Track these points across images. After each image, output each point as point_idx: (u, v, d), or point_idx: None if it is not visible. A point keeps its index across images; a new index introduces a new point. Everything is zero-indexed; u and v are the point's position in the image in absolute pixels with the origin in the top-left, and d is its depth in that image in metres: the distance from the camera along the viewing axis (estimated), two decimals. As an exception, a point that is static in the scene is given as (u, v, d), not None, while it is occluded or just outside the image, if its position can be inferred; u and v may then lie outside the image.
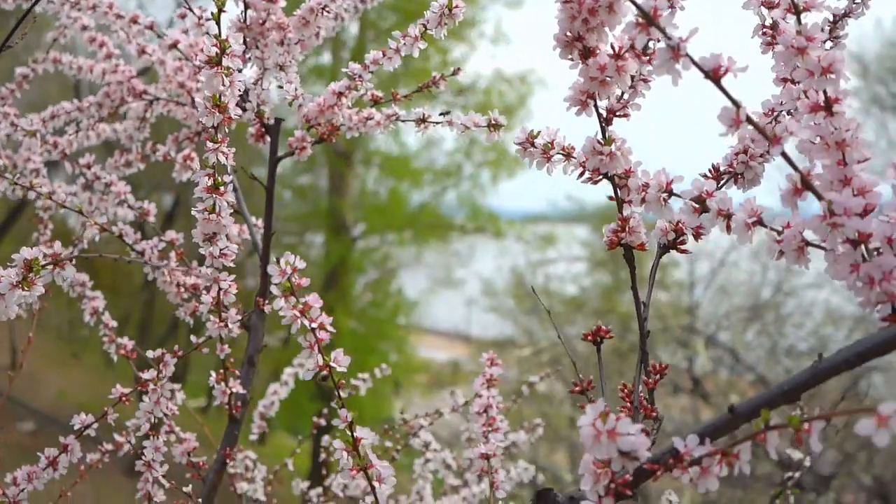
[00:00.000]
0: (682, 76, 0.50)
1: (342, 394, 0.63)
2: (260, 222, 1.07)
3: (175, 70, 1.15)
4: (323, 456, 1.43)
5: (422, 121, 0.95)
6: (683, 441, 0.52)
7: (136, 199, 1.13)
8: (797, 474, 1.11)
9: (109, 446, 1.10)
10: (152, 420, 0.92)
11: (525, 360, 8.19)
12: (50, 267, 0.65)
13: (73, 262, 0.67)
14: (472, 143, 11.98)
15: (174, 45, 0.99)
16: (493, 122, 0.81)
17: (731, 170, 0.68)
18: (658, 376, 0.63)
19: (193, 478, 0.99)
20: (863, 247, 0.53)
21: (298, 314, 0.61)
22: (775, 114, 0.69)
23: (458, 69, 1.01)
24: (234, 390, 0.96)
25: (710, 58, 0.50)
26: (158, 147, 1.18)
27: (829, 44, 0.71)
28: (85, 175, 1.11)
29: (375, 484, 0.64)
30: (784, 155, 0.50)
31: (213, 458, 1.03)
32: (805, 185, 0.51)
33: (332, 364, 0.62)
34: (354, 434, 0.64)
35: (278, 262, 0.60)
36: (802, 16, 0.57)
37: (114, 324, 1.08)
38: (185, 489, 0.94)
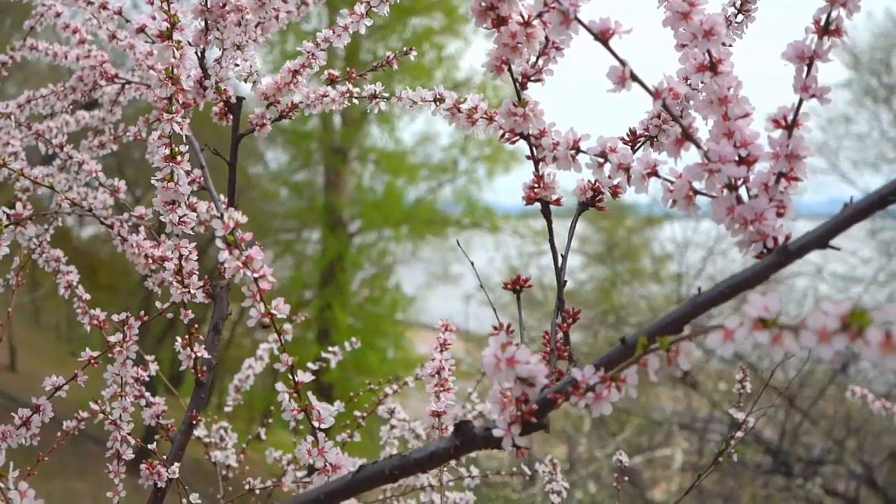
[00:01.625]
0: (573, 38, 0.56)
1: (282, 339, 0.68)
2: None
3: (145, 54, 1.20)
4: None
5: (373, 97, 1.00)
6: (581, 371, 0.57)
7: (133, 197, 1.18)
8: (739, 433, 1.16)
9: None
10: (120, 381, 0.98)
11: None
12: (12, 227, 0.70)
13: (33, 221, 0.72)
14: (467, 139, 12.04)
15: (141, 30, 1.04)
16: (438, 96, 0.86)
17: (646, 133, 0.73)
18: (571, 320, 0.68)
19: (162, 439, 1.04)
20: (745, 192, 0.58)
21: (241, 265, 0.66)
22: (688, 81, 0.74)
23: (411, 49, 1.06)
24: (199, 355, 1.01)
25: (599, 22, 0.55)
26: (129, 128, 1.23)
27: (740, 16, 0.77)
28: (58, 155, 1.16)
29: (315, 423, 0.69)
30: (665, 107, 0.55)
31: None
32: (686, 136, 0.56)
33: (273, 311, 0.67)
34: (296, 378, 0.69)
35: (222, 217, 0.65)
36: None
37: (87, 296, 1.13)
38: (150, 446, 0.99)
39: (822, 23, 0.56)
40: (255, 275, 0.66)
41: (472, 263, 0.96)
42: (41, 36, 1.37)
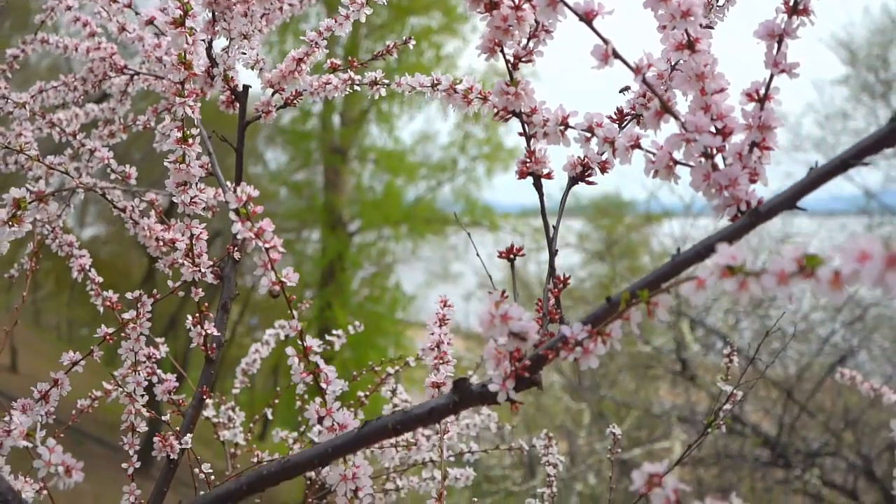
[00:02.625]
0: (560, 20, 0.60)
1: (291, 307, 0.73)
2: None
3: (154, 46, 1.24)
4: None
5: (374, 83, 1.05)
6: (570, 328, 0.61)
7: (131, 197, 1.22)
8: (728, 406, 1.20)
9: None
10: (134, 357, 1.02)
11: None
12: (35, 203, 0.75)
13: (54, 197, 0.77)
14: (466, 138, 12.09)
15: (150, 22, 1.09)
16: (435, 81, 0.90)
17: (632, 111, 0.77)
18: (562, 285, 0.73)
19: (174, 414, 1.08)
20: (721, 161, 0.63)
21: (254, 236, 0.70)
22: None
23: (410, 38, 1.11)
24: (209, 332, 1.05)
25: (584, 3, 0.60)
26: (139, 118, 1.28)
27: (723, 2, 0.81)
28: (71, 144, 1.21)
29: (323, 385, 0.73)
30: (645, 82, 0.60)
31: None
32: (665, 108, 0.60)
33: (284, 279, 0.72)
34: (304, 343, 0.74)
35: (235, 190, 0.70)
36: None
37: (100, 279, 1.18)
38: (163, 417, 1.03)
39: (791, 3, 0.61)
40: (266, 245, 0.71)
41: (479, 255, 1.00)
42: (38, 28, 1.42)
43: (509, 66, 0.70)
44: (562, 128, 0.69)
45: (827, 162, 0.56)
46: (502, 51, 0.69)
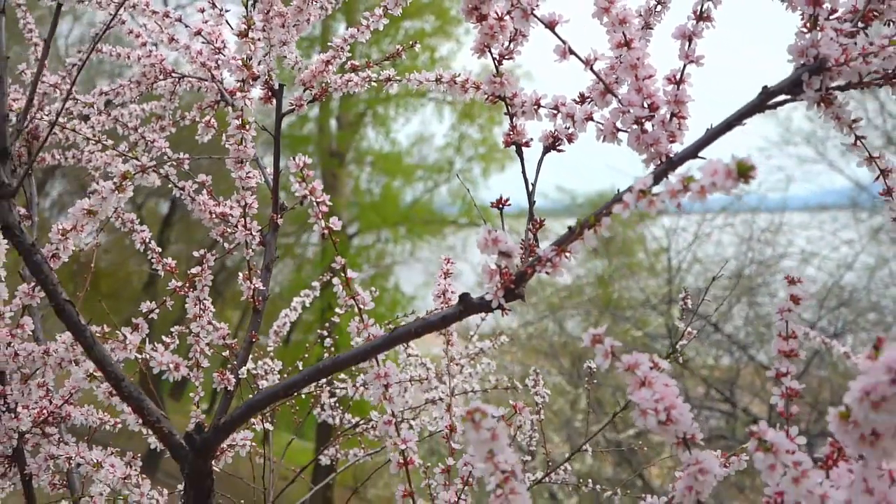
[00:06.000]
0: (531, 28, 0.84)
1: (336, 245, 0.96)
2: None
3: (197, 53, 1.48)
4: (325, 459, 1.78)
5: (388, 80, 1.28)
6: (543, 250, 0.84)
7: (134, 205, 1.45)
8: (683, 341, 1.44)
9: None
10: (198, 306, 1.25)
11: (523, 348, 8.52)
12: (140, 174, 0.98)
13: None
14: (462, 139, 12.34)
15: (198, 33, 1.32)
16: (438, 76, 1.14)
17: (590, 96, 1.01)
18: (539, 225, 0.96)
19: (230, 355, 1.32)
20: (650, 126, 0.86)
21: (308, 193, 0.94)
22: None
23: (415, 42, 1.35)
24: (256, 287, 1.29)
25: (548, 15, 0.83)
26: (186, 114, 1.51)
27: (659, 7, 1.05)
28: (132, 136, 1.44)
29: (360, 305, 0.97)
30: (593, 71, 0.83)
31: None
32: (607, 90, 0.84)
33: (331, 225, 0.95)
34: (347, 274, 0.98)
35: (295, 157, 0.93)
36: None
37: (159, 249, 1.41)
38: (224, 353, 1.27)
39: (698, 11, 0.85)
40: (318, 200, 0.95)
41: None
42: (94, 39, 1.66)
43: (495, 62, 0.94)
44: (535, 107, 0.92)
45: (721, 121, 0.79)
46: (490, 51, 0.92)
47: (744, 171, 0.61)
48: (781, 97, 0.79)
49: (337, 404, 1.82)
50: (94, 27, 1.62)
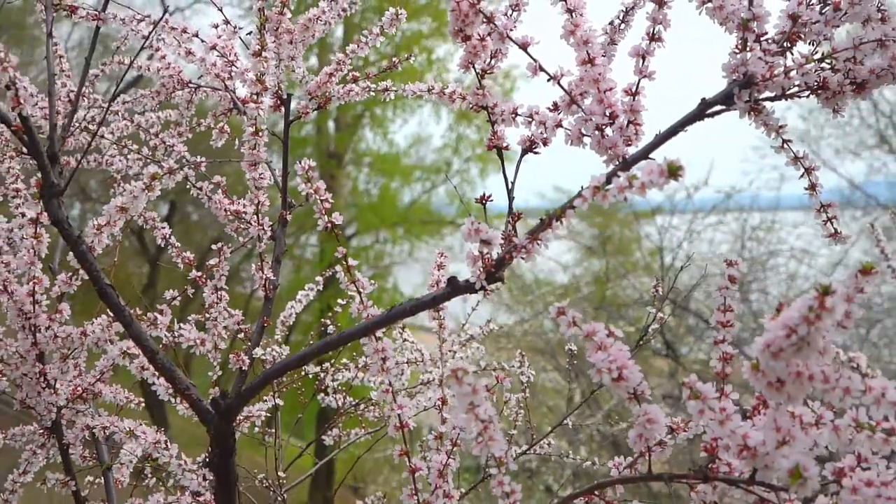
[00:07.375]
0: (506, 50, 0.98)
1: (338, 237, 1.10)
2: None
3: (211, 65, 1.62)
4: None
5: (385, 90, 1.43)
6: (518, 239, 0.98)
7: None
8: (654, 326, 1.58)
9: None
10: (215, 294, 1.40)
11: (524, 346, 8.66)
12: (167, 175, 1.13)
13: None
14: (459, 140, 12.48)
15: (214, 47, 1.47)
16: (430, 87, 1.28)
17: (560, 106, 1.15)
18: (518, 218, 1.10)
19: (244, 339, 1.46)
20: (610, 131, 1.01)
21: (313, 192, 1.08)
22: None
23: (411, 54, 1.49)
24: (268, 276, 1.43)
25: (521, 37, 0.98)
26: (201, 121, 1.66)
27: (623, 26, 1.19)
28: (153, 141, 1.58)
29: (360, 289, 1.11)
30: (560, 85, 0.98)
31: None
32: (572, 101, 0.98)
33: (333, 220, 1.09)
34: (348, 262, 1.12)
35: (300, 161, 1.07)
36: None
37: (178, 244, 1.55)
38: (240, 335, 1.41)
39: (651, 33, 0.99)
40: (322, 198, 1.09)
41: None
42: (115, 52, 1.81)
43: (478, 76, 1.08)
44: (512, 115, 1.07)
45: (672, 124, 0.94)
46: (474, 66, 1.07)
47: (673, 171, 0.76)
48: (717, 107, 0.93)
49: (340, 388, 1.96)
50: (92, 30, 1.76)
